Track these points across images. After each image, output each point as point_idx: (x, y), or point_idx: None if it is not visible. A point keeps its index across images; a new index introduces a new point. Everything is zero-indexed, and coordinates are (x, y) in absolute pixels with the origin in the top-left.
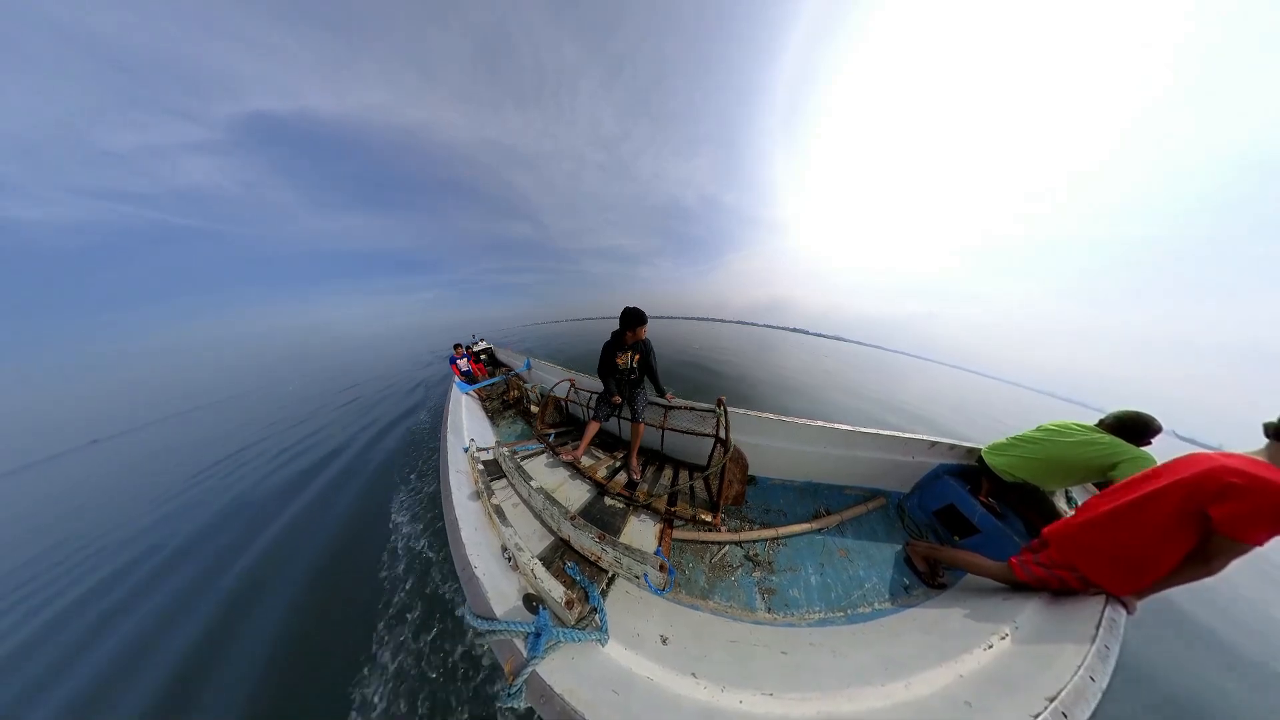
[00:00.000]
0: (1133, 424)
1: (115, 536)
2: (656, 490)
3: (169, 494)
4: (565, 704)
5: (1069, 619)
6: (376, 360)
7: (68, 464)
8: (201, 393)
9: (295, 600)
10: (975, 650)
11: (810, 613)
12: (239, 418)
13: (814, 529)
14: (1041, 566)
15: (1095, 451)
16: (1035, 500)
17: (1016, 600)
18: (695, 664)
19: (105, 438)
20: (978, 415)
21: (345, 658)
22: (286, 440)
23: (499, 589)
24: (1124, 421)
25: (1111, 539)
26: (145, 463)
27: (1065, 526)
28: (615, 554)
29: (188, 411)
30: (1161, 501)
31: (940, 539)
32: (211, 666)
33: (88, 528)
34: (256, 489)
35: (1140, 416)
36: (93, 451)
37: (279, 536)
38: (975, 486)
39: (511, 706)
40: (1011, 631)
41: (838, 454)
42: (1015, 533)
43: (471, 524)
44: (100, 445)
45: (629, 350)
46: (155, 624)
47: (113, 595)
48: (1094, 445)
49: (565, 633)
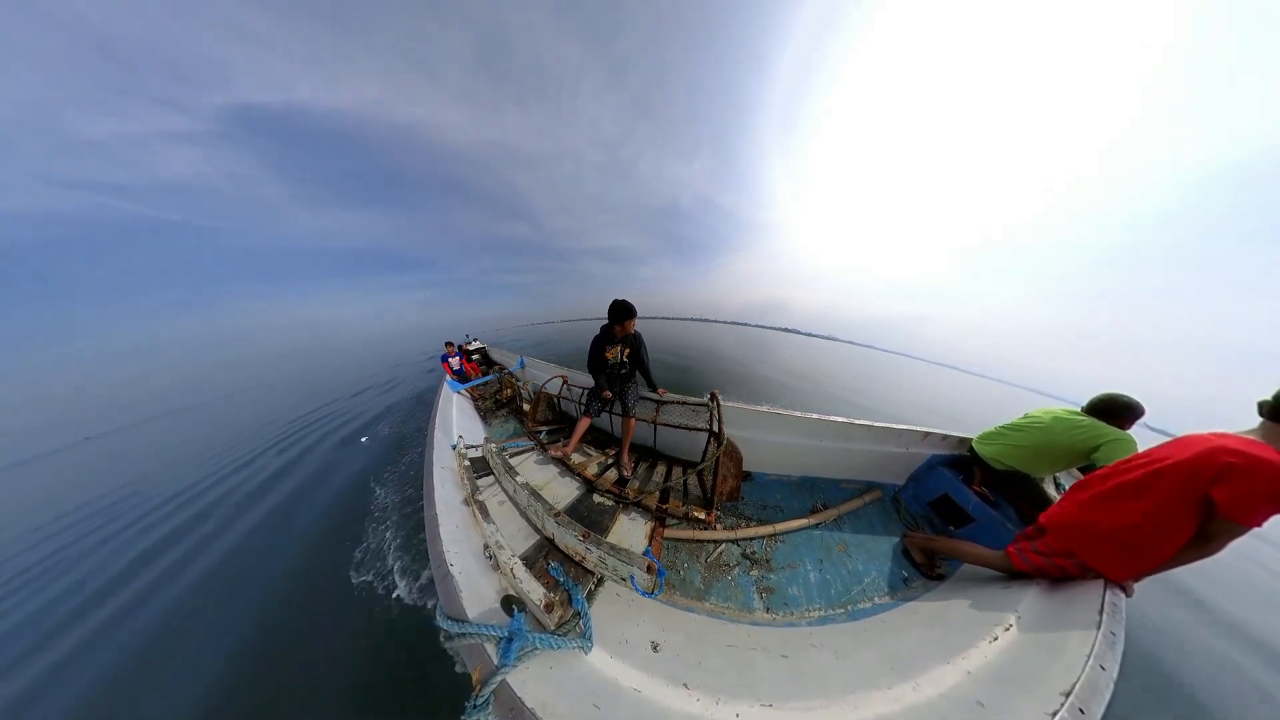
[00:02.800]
0: (1114, 406)
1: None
2: (648, 487)
3: (150, 493)
4: (536, 719)
5: (1070, 606)
6: (367, 358)
7: (62, 460)
8: (181, 394)
9: (265, 601)
10: (980, 644)
11: (810, 611)
12: (220, 419)
13: (811, 524)
14: (1039, 554)
15: (1079, 434)
16: (1026, 487)
17: (1015, 589)
18: (688, 673)
19: (98, 435)
20: (965, 410)
21: (309, 657)
22: (266, 438)
23: (476, 589)
24: (1105, 404)
25: (1111, 524)
26: (140, 462)
27: (1062, 513)
28: (600, 554)
29: (177, 411)
30: (1162, 484)
31: (936, 529)
32: (172, 654)
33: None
34: (232, 490)
35: (1120, 398)
36: (87, 448)
37: (251, 534)
38: (968, 476)
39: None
40: (1015, 621)
41: (833, 447)
42: (1009, 520)
43: (453, 521)
44: (94, 442)
45: (618, 344)
46: (109, 622)
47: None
48: (1077, 428)
49: (542, 639)
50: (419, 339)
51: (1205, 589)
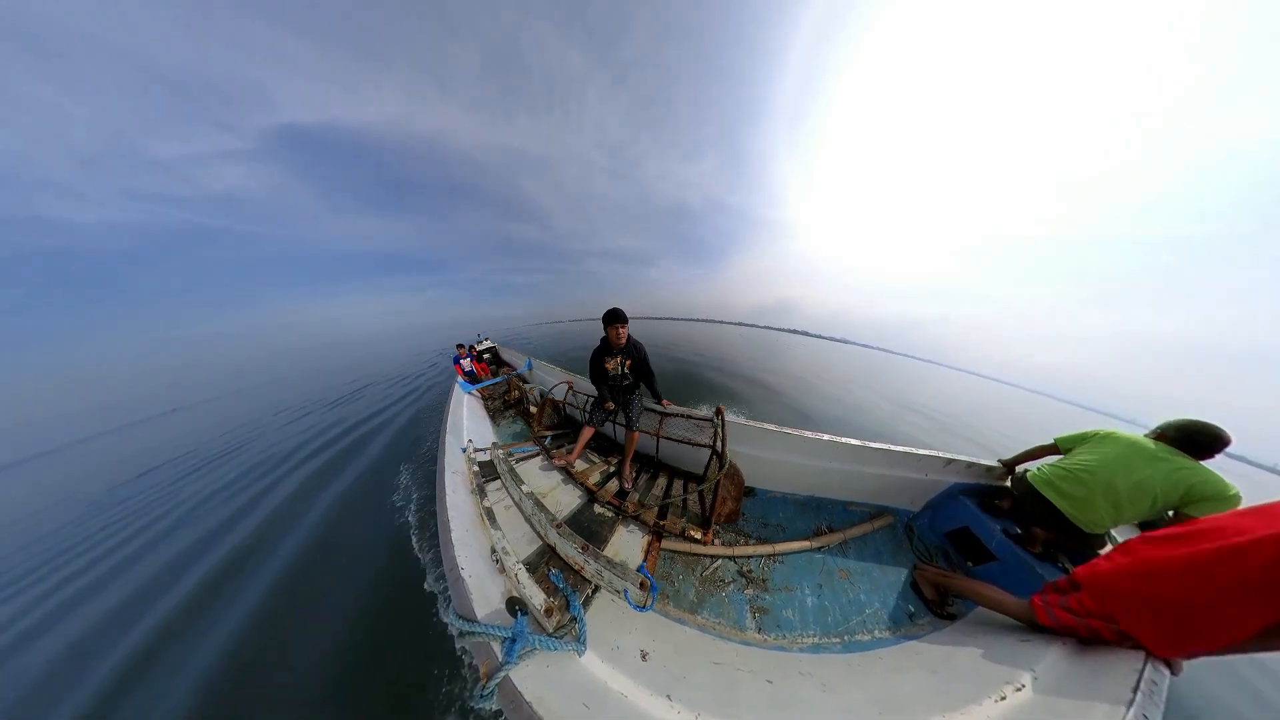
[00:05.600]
0: (1202, 436)
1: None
2: (648, 500)
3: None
4: (533, 712)
5: (1100, 675)
6: (385, 356)
7: (150, 429)
8: (247, 375)
9: (275, 584)
10: (986, 701)
11: (804, 637)
12: (253, 405)
13: (814, 547)
14: (1070, 612)
15: (1168, 471)
16: (1068, 532)
17: (1036, 644)
18: (673, 684)
19: (185, 407)
20: (986, 424)
21: (322, 652)
22: (301, 428)
23: (484, 591)
24: (1191, 433)
25: (1167, 594)
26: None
27: (1105, 571)
28: (597, 566)
29: (244, 390)
30: (1247, 558)
31: (952, 564)
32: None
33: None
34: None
35: (1209, 427)
36: (171, 419)
37: (280, 518)
38: (993, 509)
39: (483, 707)
40: (1030, 682)
41: (843, 469)
42: (1038, 565)
43: (463, 525)
44: (180, 413)
45: (618, 355)
46: (140, 593)
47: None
48: (1165, 463)
49: (541, 640)
50: (435, 335)
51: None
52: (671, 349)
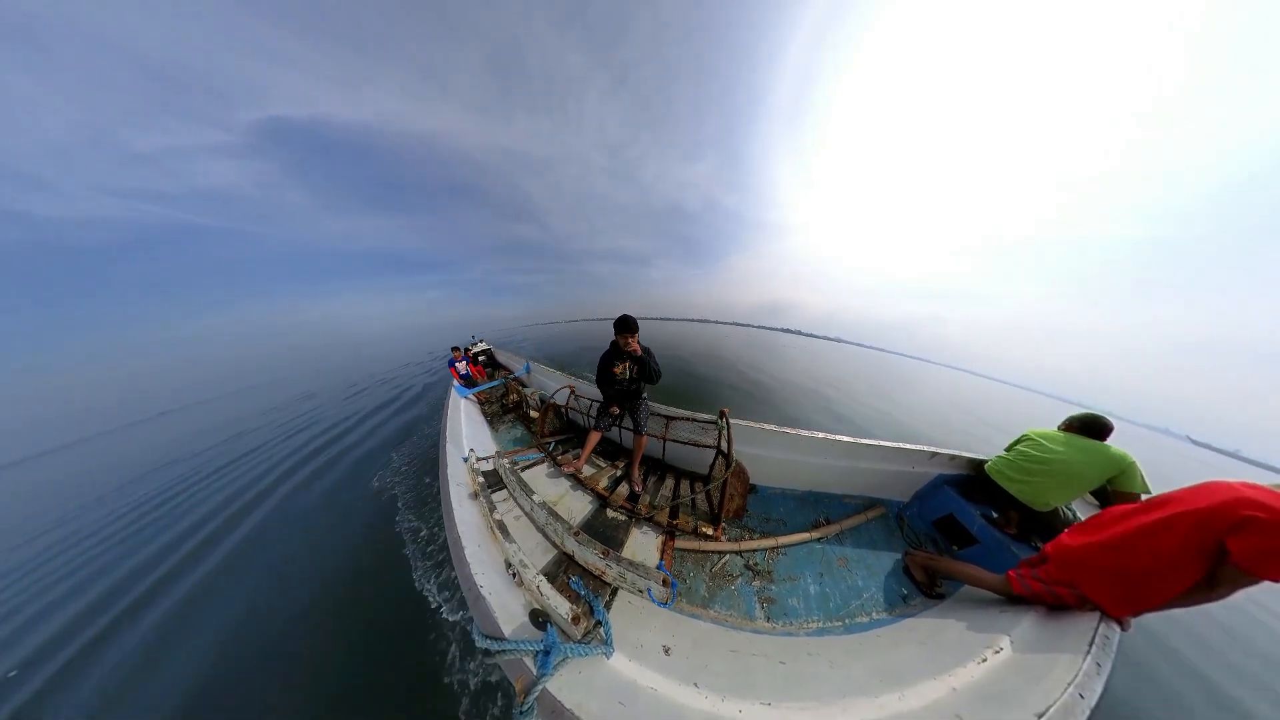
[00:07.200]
0: (1102, 425)
1: None
2: (658, 502)
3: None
4: (575, 718)
5: (1063, 634)
6: (382, 356)
7: (142, 431)
8: (239, 377)
9: (253, 601)
10: (970, 663)
11: (809, 622)
12: (240, 408)
13: (813, 538)
14: (1039, 581)
15: (1099, 459)
16: (1033, 512)
17: (1013, 613)
18: (697, 674)
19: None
20: (974, 419)
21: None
22: (291, 432)
23: (505, 607)
24: (1093, 422)
25: (1116, 561)
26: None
27: (1067, 544)
28: (620, 569)
29: (238, 392)
30: (1175, 529)
31: (939, 549)
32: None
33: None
34: (257, 480)
35: (1099, 417)
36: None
37: (269, 530)
38: (974, 497)
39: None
40: (1008, 644)
41: (839, 464)
42: (1014, 545)
43: (474, 540)
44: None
45: (625, 360)
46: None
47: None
48: (1094, 452)
49: (573, 648)
50: (433, 335)
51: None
52: (672, 349)
